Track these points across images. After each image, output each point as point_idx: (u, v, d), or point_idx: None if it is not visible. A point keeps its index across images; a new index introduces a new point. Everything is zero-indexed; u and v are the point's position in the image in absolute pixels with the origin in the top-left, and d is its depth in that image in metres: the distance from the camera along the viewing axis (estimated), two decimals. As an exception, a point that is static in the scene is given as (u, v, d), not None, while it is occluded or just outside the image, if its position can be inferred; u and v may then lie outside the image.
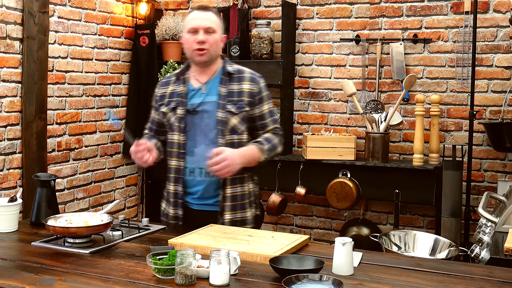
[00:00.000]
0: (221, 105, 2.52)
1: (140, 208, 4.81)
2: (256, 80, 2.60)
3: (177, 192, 2.61)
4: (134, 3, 4.63)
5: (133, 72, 4.59)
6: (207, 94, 2.56)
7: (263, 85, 2.62)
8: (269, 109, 2.62)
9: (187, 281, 1.81)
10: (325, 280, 1.80)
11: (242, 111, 2.53)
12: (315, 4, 4.37)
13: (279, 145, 2.60)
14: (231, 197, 2.54)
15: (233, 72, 2.59)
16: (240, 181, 2.57)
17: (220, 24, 2.57)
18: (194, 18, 2.53)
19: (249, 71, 2.63)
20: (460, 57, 3.97)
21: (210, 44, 2.50)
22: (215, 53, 2.55)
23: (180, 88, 2.61)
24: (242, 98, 2.54)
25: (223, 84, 2.56)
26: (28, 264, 2.04)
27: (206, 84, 2.58)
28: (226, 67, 2.60)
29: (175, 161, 2.59)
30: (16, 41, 3.60)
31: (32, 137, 3.69)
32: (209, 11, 2.56)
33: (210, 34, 2.50)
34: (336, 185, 4.01)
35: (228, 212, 2.54)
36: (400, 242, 3.08)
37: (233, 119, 2.52)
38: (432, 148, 3.91)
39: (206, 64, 2.56)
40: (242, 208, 2.58)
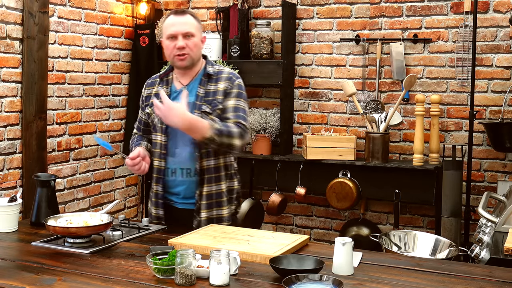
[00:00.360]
0: (197, 106, 2.54)
1: (140, 208, 4.81)
2: (232, 79, 2.59)
3: (157, 192, 2.66)
4: (134, 3, 4.63)
5: (133, 72, 4.59)
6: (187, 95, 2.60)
7: (238, 83, 2.60)
8: (235, 104, 2.55)
9: (187, 281, 1.81)
10: (325, 280, 1.80)
11: (216, 109, 2.53)
12: (315, 4, 4.38)
13: (236, 136, 2.46)
14: (206, 195, 2.57)
15: (213, 74, 2.60)
16: (216, 180, 2.58)
17: (199, 26, 2.59)
18: (172, 24, 2.55)
19: (229, 71, 2.64)
20: (460, 57, 3.97)
21: (190, 48, 2.53)
22: (196, 56, 2.57)
23: (164, 89, 2.64)
24: (216, 97, 2.55)
25: (202, 85, 2.58)
26: (28, 264, 2.04)
27: (187, 86, 2.61)
28: (207, 68, 2.61)
29: (157, 161, 2.63)
30: (16, 41, 3.60)
31: (32, 137, 3.69)
32: (186, 14, 2.57)
33: (189, 38, 2.53)
34: (336, 185, 4.01)
35: (204, 210, 2.57)
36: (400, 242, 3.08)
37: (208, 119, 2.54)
38: (432, 148, 3.91)
39: (187, 67, 2.59)
40: (219, 206, 2.60)
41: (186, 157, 2.56)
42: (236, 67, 4.25)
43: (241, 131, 2.50)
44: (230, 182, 2.65)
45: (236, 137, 2.47)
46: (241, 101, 2.58)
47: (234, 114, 2.54)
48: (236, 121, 2.52)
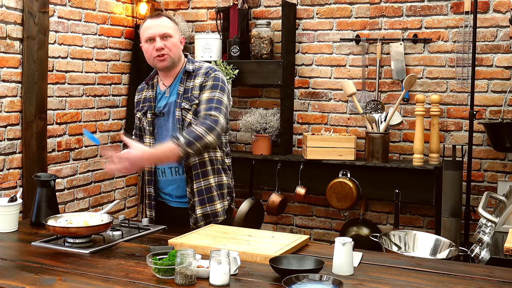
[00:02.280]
0: (178, 104, 2.57)
1: (140, 208, 4.81)
2: (208, 73, 2.58)
3: (150, 194, 2.70)
4: (134, 3, 4.63)
5: (133, 72, 4.59)
6: (170, 95, 2.62)
7: (213, 76, 2.56)
8: (208, 97, 2.50)
9: (187, 281, 1.81)
10: (325, 280, 1.80)
11: (193, 104, 2.54)
12: (315, 4, 4.37)
13: (205, 135, 2.38)
14: (197, 192, 2.57)
15: (192, 70, 2.61)
16: (203, 175, 2.58)
17: (176, 27, 2.61)
18: (148, 27, 2.57)
19: (207, 66, 2.64)
20: (460, 57, 3.97)
21: (169, 48, 2.55)
22: (176, 56, 2.59)
23: (150, 93, 2.70)
24: (193, 93, 2.56)
25: (181, 83, 2.61)
26: (28, 264, 2.04)
27: (170, 87, 2.63)
28: (186, 66, 2.63)
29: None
30: (16, 41, 3.60)
31: (32, 137, 3.69)
32: (162, 16, 2.60)
33: (166, 39, 2.55)
34: (336, 185, 4.01)
35: (198, 207, 2.58)
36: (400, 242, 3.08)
37: (188, 115, 2.55)
38: (432, 148, 3.91)
39: (169, 68, 2.61)
40: (211, 201, 2.60)
41: None
42: (236, 67, 4.25)
43: (209, 125, 2.41)
44: (219, 177, 2.64)
45: (206, 136, 2.38)
46: (215, 92, 2.53)
47: (206, 106, 2.49)
48: (205, 113, 2.46)
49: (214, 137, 2.41)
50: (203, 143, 2.39)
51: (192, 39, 4.64)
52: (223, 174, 2.67)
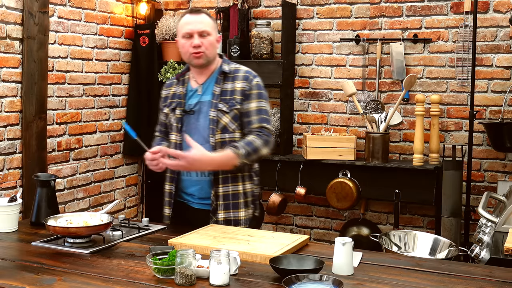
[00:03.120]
0: (213, 104, 2.54)
1: (140, 208, 4.81)
2: (249, 78, 2.58)
3: (171, 192, 2.66)
4: (134, 3, 4.63)
5: (133, 72, 4.59)
6: (203, 94, 2.58)
7: (256, 83, 2.58)
8: (257, 107, 2.54)
9: (187, 281, 1.81)
10: (325, 280, 1.80)
11: (233, 109, 2.52)
12: (315, 4, 4.38)
13: (262, 147, 2.48)
14: (223, 196, 2.54)
15: (229, 72, 2.59)
16: (233, 180, 2.55)
17: (214, 25, 2.58)
18: (187, 23, 2.54)
19: (245, 69, 2.63)
20: (460, 57, 3.97)
21: (206, 47, 2.52)
22: (212, 54, 2.56)
23: (180, 89, 2.65)
24: (234, 97, 2.53)
25: (217, 83, 2.57)
26: (28, 264, 2.04)
27: (203, 85, 2.60)
28: (222, 66, 2.60)
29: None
30: (16, 41, 3.60)
31: (32, 137, 3.69)
32: (201, 13, 2.56)
33: (204, 37, 2.52)
34: (336, 185, 4.01)
35: (221, 211, 2.54)
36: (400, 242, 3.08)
37: (225, 118, 2.52)
38: (432, 148, 3.91)
39: (203, 66, 2.57)
40: (235, 208, 2.56)
41: None
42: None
43: (266, 139, 2.50)
44: (246, 184, 2.60)
45: (263, 148, 2.48)
46: (262, 102, 2.57)
47: (258, 118, 2.53)
48: (259, 125, 2.52)
49: (268, 150, 2.51)
50: (259, 156, 2.48)
51: (192, 39, 4.63)
52: (251, 181, 2.62)
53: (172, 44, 4.56)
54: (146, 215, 4.77)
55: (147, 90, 4.55)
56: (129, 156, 4.66)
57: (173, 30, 4.51)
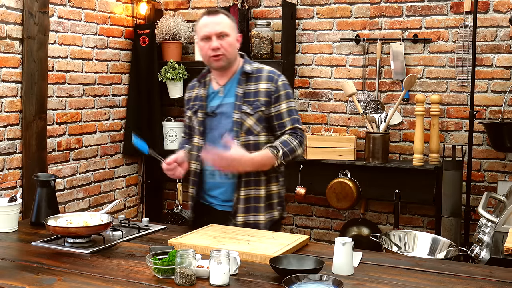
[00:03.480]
0: (237, 106, 2.49)
1: (140, 208, 4.81)
2: (273, 78, 2.53)
3: (193, 195, 2.61)
4: (134, 3, 4.63)
5: (133, 72, 4.59)
6: (225, 96, 2.54)
7: (282, 83, 2.54)
8: (288, 108, 2.52)
9: (187, 281, 1.81)
10: (325, 280, 1.80)
11: (258, 111, 2.48)
12: (315, 4, 4.38)
13: (298, 147, 2.48)
14: (244, 199, 2.49)
15: (251, 72, 2.54)
16: (255, 183, 2.51)
17: (233, 25, 2.53)
18: (205, 25, 2.49)
19: (268, 69, 2.57)
20: (460, 57, 3.97)
21: (225, 48, 2.47)
22: (232, 55, 2.52)
23: (201, 91, 2.60)
24: (258, 98, 2.49)
25: (240, 84, 2.52)
26: (28, 264, 2.04)
27: (225, 86, 2.55)
28: (244, 67, 2.56)
29: (194, 164, 2.59)
30: (16, 41, 3.60)
31: (32, 137, 3.69)
32: (219, 14, 2.51)
33: (223, 38, 2.47)
34: (336, 185, 4.01)
35: (240, 214, 2.50)
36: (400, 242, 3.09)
37: (249, 120, 2.48)
38: (432, 148, 3.91)
39: (224, 68, 2.53)
40: (256, 211, 2.52)
41: None
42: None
43: (300, 139, 2.51)
44: (270, 186, 2.56)
45: (298, 149, 2.49)
46: (291, 102, 2.55)
47: (290, 119, 2.52)
48: (293, 127, 2.52)
49: (302, 150, 2.52)
50: (295, 156, 2.48)
51: (192, 39, 4.63)
52: (276, 182, 2.58)
53: (172, 44, 4.56)
54: (146, 215, 4.77)
55: (147, 90, 4.56)
56: (129, 156, 4.66)
57: (173, 30, 4.52)
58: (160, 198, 4.96)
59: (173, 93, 4.54)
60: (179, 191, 4.53)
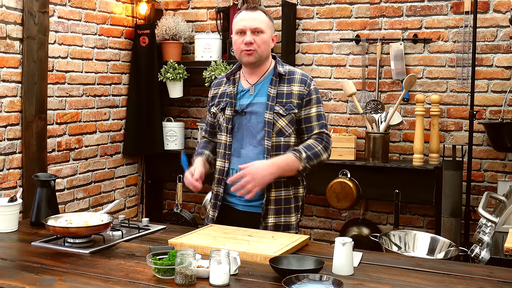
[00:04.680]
0: (269, 106, 2.47)
1: (140, 208, 4.81)
2: (307, 82, 2.51)
3: (218, 194, 2.57)
4: (134, 3, 4.63)
5: (133, 72, 4.59)
6: (255, 95, 2.52)
7: (314, 87, 2.53)
8: (317, 112, 2.51)
9: (187, 281, 1.81)
10: (325, 280, 1.79)
11: (291, 113, 2.47)
12: (315, 4, 4.38)
13: (323, 152, 2.46)
14: (275, 200, 2.48)
15: (284, 73, 2.52)
16: (285, 185, 2.50)
17: (270, 23, 2.51)
18: (242, 19, 2.49)
19: (301, 72, 2.56)
20: (460, 57, 3.97)
21: (258, 44, 2.46)
22: (264, 53, 2.49)
23: (230, 88, 2.57)
24: (291, 100, 2.48)
25: (272, 85, 2.50)
26: (28, 264, 2.04)
27: (256, 85, 2.53)
28: (277, 67, 2.53)
29: (220, 162, 2.55)
30: (16, 41, 3.60)
31: (32, 137, 3.69)
32: (257, 10, 2.50)
33: (257, 34, 2.46)
34: (336, 185, 4.01)
35: (271, 215, 2.48)
36: (400, 242, 3.09)
37: (281, 121, 2.47)
38: (432, 148, 3.91)
39: (255, 64, 2.51)
40: (287, 213, 2.51)
41: (253, 158, 2.44)
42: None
43: (325, 144, 2.49)
44: (301, 188, 2.58)
45: (323, 154, 2.47)
46: (321, 106, 2.54)
47: (318, 124, 2.50)
48: (320, 131, 2.50)
49: (328, 155, 2.50)
50: (319, 161, 2.46)
51: (192, 39, 4.64)
52: (302, 185, 2.59)
53: (172, 44, 4.56)
54: (146, 215, 4.77)
55: (147, 90, 4.56)
56: (129, 156, 4.66)
57: (173, 30, 4.52)
58: (160, 198, 4.96)
59: (173, 93, 4.54)
60: (179, 191, 4.53)
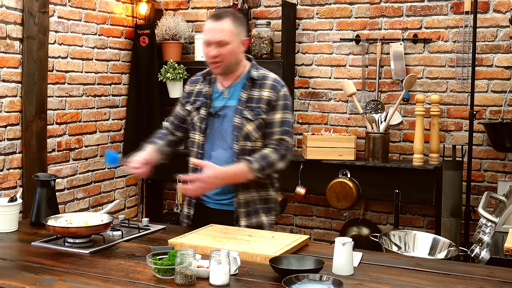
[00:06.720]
0: (238, 111, 2.50)
1: (140, 208, 4.81)
2: (277, 88, 2.52)
3: None
4: (134, 3, 4.63)
5: (133, 72, 4.59)
6: (229, 98, 2.54)
7: (283, 93, 2.54)
8: (281, 118, 2.51)
9: (187, 281, 1.81)
10: (325, 280, 1.80)
11: (258, 118, 2.49)
12: (315, 4, 4.37)
13: (277, 162, 2.47)
14: (244, 203, 2.51)
15: (257, 78, 2.54)
16: (254, 187, 2.53)
17: (235, 31, 2.48)
18: (207, 31, 2.49)
19: (273, 78, 2.57)
20: (460, 57, 3.97)
21: (223, 56, 2.46)
22: (232, 62, 2.50)
23: (206, 88, 2.60)
24: (260, 105, 2.49)
25: (245, 89, 2.52)
26: (28, 264, 2.04)
27: (229, 89, 2.55)
28: (251, 72, 2.55)
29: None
30: (16, 41, 3.60)
31: (32, 137, 3.69)
32: (223, 19, 2.47)
33: (223, 46, 2.45)
34: (336, 185, 4.01)
35: (243, 218, 2.51)
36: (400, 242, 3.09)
37: (248, 126, 2.48)
38: (432, 148, 3.91)
39: (224, 73, 2.53)
40: (257, 213, 2.54)
41: (222, 161, 2.48)
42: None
43: (282, 153, 2.48)
44: (268, 191, 2.60)
45: (278, 163, 2.48)
46: (287, 113, 2.53)
47: (280, 130, 2.51)
48: (279, 138, 2.50)
49: (284, 164, 2.51)
50: (273, 170, 2.49)
51: (192, 39, 4.64)
52: (272, 188, 2.62)
53: (172, 44, 4.56)
54: (146, 215, 4.77)
55: (147, 90, 4.56)
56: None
57: (173, 30, 4.52)
58: (160, 198, 4.96)
59: (173, 93, 4.54)
60: (179, 191, 4.53)
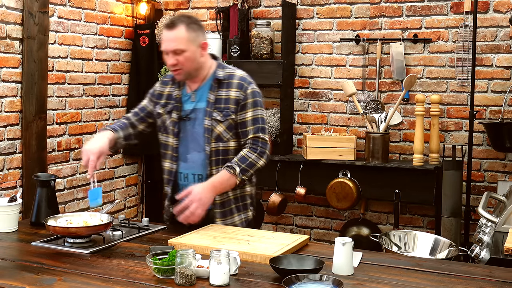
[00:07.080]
0: (208, 113, 2.51)
1: (140, 208, 4.81)
2: (243, 86, 2.52)
3: (167, 194, 2.65)
4: (134, 3, 4.63)
5: (133, 72, 4.59)
6: (197, 101, 2.55)
7: (251, 91, 2.53)
8: (253, 116, 2.51)
9: (187, 281, 1.81)
10: (325, 280, 1.80)
11: (228, 118, 2.50)
12: (315, 4, 4.37)
13: (258, 160, 2.48)
14: (220, 203, 2.53)
15: (223, 78, 2.54)
16: None
17: (191, 37, 2.46)
18: (163, 40, 2.49)
19: (239, 76, 2.56)
20: (460, 57, 3.97)
21: (182, 64, 2.47)
22: (192, 67, 2.50)
23: (176, 92, 2.61)
24: (228, 106, 2.50)
25: (212, 91, 2.53)
26: (28, 264, 2.04)
27: (196, 92, 2.56)
28: (216, 72, 2.56)
29: (169, 163, 2.61)
30: (16, 41, 3.60)
31: (32, 137, 3.69)
32: (176, 27, 2.45)
33: (180, 54, 2.45)
34: (336, 185, 4.01)
35: (219, 219, 2.54)
36: (400, 242, 3.09)
37: (219, 127, 2.50)
38: (432, 148, 3.91)
39: (188, 78, 2.54)
40: (230, 214, 2.57)
41: (198, 163, 2.53)
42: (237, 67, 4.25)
43: (260, 149, 2.49)
44: (248, 187, 2.62)
45: (258, 161, 2.48)
46: (258, 110, 2.53)
47: (253, 128, 2.51)
48: (254, 136, 2.50)
49: (265, 160, 2.51)
50: (256, 169, 2.49)
51: (192, 39, 4.63)
52: (250, 184, 2.63)
53: (172, 44, 4.55)
54: (146, 215, 4.77)
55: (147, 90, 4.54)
56: (129, 156, 4.66)
57: (173, 30, 4.51)
58: (160, 198, 4.95)
59: (173, 93, 4.53)
60: None
